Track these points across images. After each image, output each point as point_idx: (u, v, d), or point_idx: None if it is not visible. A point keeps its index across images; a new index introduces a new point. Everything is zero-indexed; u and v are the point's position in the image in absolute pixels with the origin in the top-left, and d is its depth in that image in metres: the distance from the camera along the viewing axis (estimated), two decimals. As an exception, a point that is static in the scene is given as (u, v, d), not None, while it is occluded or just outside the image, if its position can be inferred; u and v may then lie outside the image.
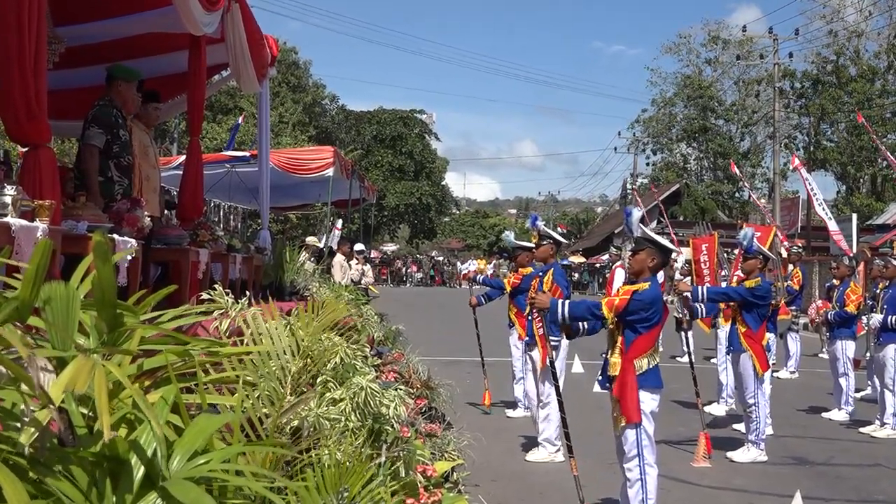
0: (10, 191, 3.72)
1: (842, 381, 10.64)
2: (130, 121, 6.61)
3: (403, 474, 3.41)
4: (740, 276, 9.18)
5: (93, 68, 7.41)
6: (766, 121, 46.89)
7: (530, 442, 8.43)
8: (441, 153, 68.28)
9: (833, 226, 19.41)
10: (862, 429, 9.89)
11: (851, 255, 14.14)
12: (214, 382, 2.70)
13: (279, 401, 3.07)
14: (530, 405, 8.87)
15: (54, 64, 6.36)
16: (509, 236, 10.41)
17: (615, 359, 5.56)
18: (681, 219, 47.66)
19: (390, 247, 63.32)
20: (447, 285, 52.48)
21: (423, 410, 5.16)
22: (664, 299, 5.84)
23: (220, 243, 7.40)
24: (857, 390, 11.18)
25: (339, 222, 20.59)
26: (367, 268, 18.44)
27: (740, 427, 9.06)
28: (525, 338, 9.05)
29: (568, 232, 64.56)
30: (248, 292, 5.19)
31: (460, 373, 10.84)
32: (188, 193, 7.52)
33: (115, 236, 4.67)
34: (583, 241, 62.14)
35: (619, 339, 5.56)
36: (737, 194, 54.04)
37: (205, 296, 3.99)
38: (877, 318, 9.91)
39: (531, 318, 8.23)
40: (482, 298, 10.74)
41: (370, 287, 17.60)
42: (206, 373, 2.62)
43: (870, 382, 11.48)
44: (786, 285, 12.33)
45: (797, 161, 21.59)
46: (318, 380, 3.49)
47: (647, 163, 58.80)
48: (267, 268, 9.13)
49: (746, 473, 7.80)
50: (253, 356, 3.17)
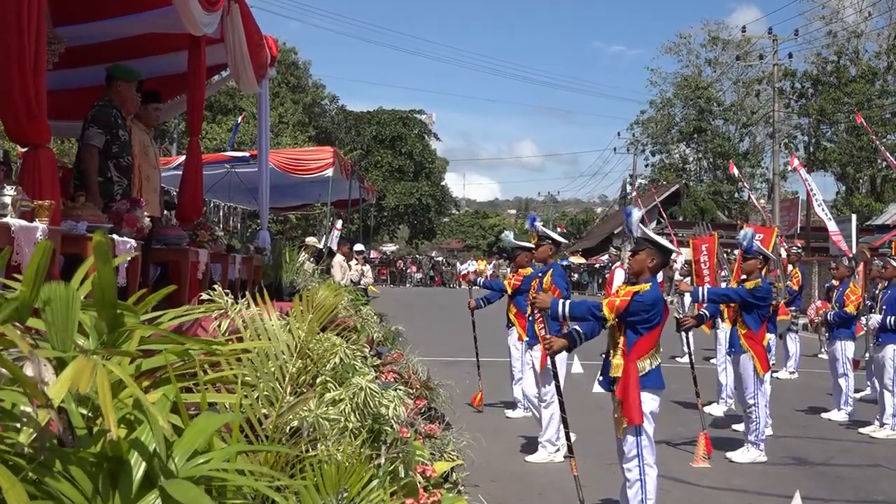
0: (9, 191, 3.72)
1: (841, 381, 10.64)
2: (130, 121, 6.61)
3: (403, 475, 3.41)
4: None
5: (92, 68, 7.41)
6: (766, 121, 46.88)
7: (530, 442, 8.43)
8: (441, 153, 68.35)
9: (832, 226, 19.40)
10: (861, 429, 9.90)
11: (851, 255, 14.15)
12: (213, 382, 2.70)
13: (278, 401, 3.07)
14: (529, 405, 8.87)
15: (54, 64, 6.36)
16: (508, 236, 10.39)
17: (617, 360, 5.55)
18: (680, 219, 47.67)
19: (390, 247, 63.29)
20: (447, 286, 52.45)
21: (423, 411, 5.15)
22: (665, 299, 5.84)
23: (220, 243, 7.41)
24: (856, 391, 11.19)
25: (339, 223, 20.61)
26: (367, 268, 18.44)
27: (740, 427, 9.06)
28: (525, 338, 9.07)
29: (567, 232, 64.54)
30: (247, 292, 5.20)
31: (460, 373, 10.83)
32: (188, 194, 7.52)
33: (115, 236, 4.67)
34: (582, 242, 62.14)
35: (620, 341, 5.55)
36: (736, 195, 54.03)
37: (204, 296, 3.99)
38: (875, 318, 9.91)
39: (532, 318, 8.24)
40: (481, 302, 10.72)
41: (370, 287, 17.61)
42: (205, 373, 2.62)
43: (869, 383, 11.49)
44: (785, 286, 12.33)
45: (796, 161, 21.58)
46: (318, 380, 3.49)
47: (646, 164, 58.86)
48: (266, 268, 9.14)
49: (746, 474, 7.80)
50: (252, 356, 3.17)
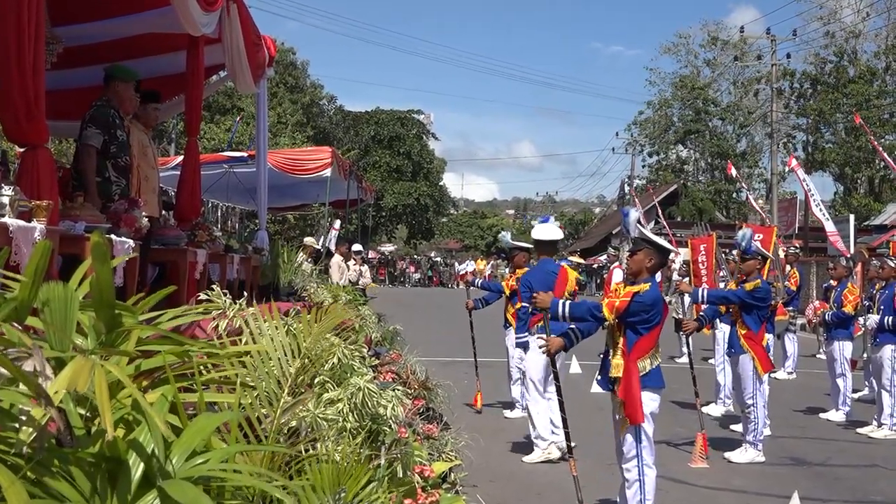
0: (7, 191, 3.72)
1: (839, 381, 10.64)
2: (129, 121, 6.60)
3: (401, 475, 3.41)
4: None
5: (91, 68, 7.40)
6: (764, 121, 46.90)
7: (528, 442, 8.43)
8: (439, 153, 68.34)
9: (830, 227, 19.37)
10: (859, 429, 9.90)
11: (849, 255, 14.16)
12: (212, 383, 2.70)
13: (277, 401, 3.07)
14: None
15: (52, 64, 6.35)
16: (506, 237, 10.42)
17: (617, 360, 5.55)
18: (678, 219, 47.67)
19: (388, 247, 63.28)
20: (445, 286, 52.43)
21: (421, 411, 5.16)
22: (664, 299, 5.84)
23: (218, 244, 7.40)
24: (854, 391, 11.19)
25: (337, 223, 20.59)
26: (365, 268, 18.44)
27: (738, 428, 9.06)
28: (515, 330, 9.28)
29: (565, 233, 64.48)
30: (245, 293, 5.20)
31: (458, 373, 10.83)
32: (186, 194, 7.51)
33: (113, 237, 4.67)
34: (580, 242, 62.13)
35: (620, 341, 5.55)
36: (735, 195, 54.03)
37: (202, 296, 3.99)
38: (873, 318, 9.92)
39: (524, 313, 8.34)
40: (479, 303, 10.75)
41: (369, 285, 17.63)
42: (203, 373, 2.62)
43: (867, 383, 11.50)
44: (784, 286, 12.33)
45: (794, 162, 21.57)
46: (316, 380, 3.49)
47: (644, 165, 58.85)
48: (265, 268, 9.14)
49: (744, 474, 7.81)
50: (250, 357, 3.17)
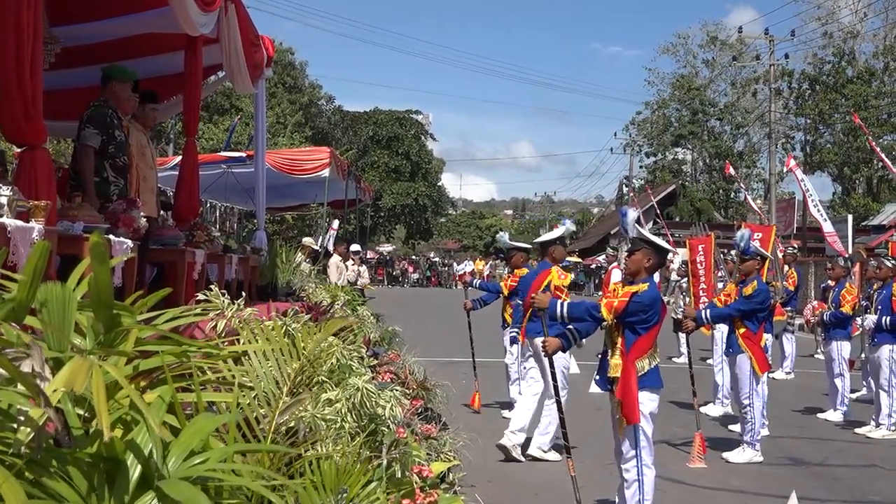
0: (5, 191, 3.71)
1: (837, 381, 10.64)
2: (128, 121, 6.60)
3: (399, 475, 3.41)
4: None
5: (89, 69, 7.39)
6: (762, 121, 46.90)
7: (526, 442, 8.42)
8: (437, 154, 68.39)
9: (827, 227, 19.39)
10: (857, 429, 9.91)
11: (846, 256, 14.16)
12: (210, 383, 2.70)
13: (275, 402, 3.07)
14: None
15: (50, 64, 6.35)
16: (503, 237, 10.45)
17: (616, 360, 5.55)
18: (677, 220, 47.71)
19: (386, 247, 63.28)
20: (443, 286, 52.44)
21: (420, 411, 5.16)
22: (663, 299, 5.85)
23: (216, 244, 7.40)
24: (852, 391, 11.20)
25: (335, 223, 20.59)
26: (363, 268, 18.45)
27: (736, 428, 9.07)
28: (516, 335, 9.35)
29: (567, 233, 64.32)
30: (243, 293, 5.20)
31: (456, 374, 10.83)
32: (184, 194, 7.50)
33: (111, 237, 4.66)
34: (579, 242, 62.10)
35: (619, 341, 5.55)
36: (733, 195, 54.05)
37: (201, 296, 3.99)
38: (871, 318, 9.92)
39: (519, 313, 8.42)
40: (477, 303, 10.76)
41: (367, 285, 17.63)
42: (202, 374, 2.62)
43: (865, 383, 11.50)
44: (783, 286, 12.33)
45: (793, 162, 21.58)
46: (314, 380, 3.49)
47: (641, 165, 58.86)
48: (263, 268, 9.13)
49: (742, 474, 7.81)
50: (248, 357, 3.17)
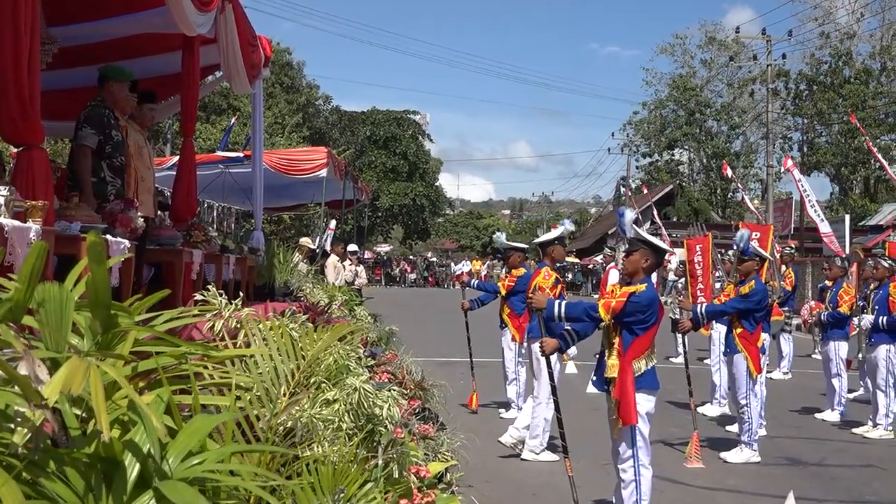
0: (2, 191, 3.71)
1: (835, 381, 10.65)
2: (125, 121, 6.59)
3: (397, 475, 3.41)
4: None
5: (87, 69, 7.38)
6: (760, 122, 46.92)
7: (524, 443, 8.43)
8: (435, 154, 68.37)
9: (824, 228, 19.33)
10: (854, 429, 9.91)
11: (843, 256, 14.18)
12: (208, 385, 2.69)
13: (273, 402, 3.07)
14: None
15: (48, 64, 6.34)
16: (500, 237, 10.46)
17: (613, 360, 5.55)
18: (674, 220, 47.73)
19: (384, 248, 63.27)
20: (441, 286, 52.48)
21: (417, 411, 5.16)
22: (660, 299, 5.85)
23: (214, 244, 7.40)
24: (849, 391, 11.21)
25: (332, 223, 20.57)
26: (361, 269, 18.45)
27: (733, 428, 9.08)
28: (518, 339, 9.48)
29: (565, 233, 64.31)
30: (241, 293, 5.20)
31: (454, 374, 10.84)
32: (181, 194, 7.50)
33: (109, 237, 4.66)
34: (576, 242, 62.14)
35: (616, 341, 5.55)
36: (730, 195, 54.06)
37: (198, 297, 3.99)
38: (868, 319, 9.94)
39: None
40: (475, 303, 10.76)
41: (364, 285, 17.64)
42: (199, 375, 2.62)
43: (862, 383, 11.52)
44: (780, 285, 12.34)
45: (790, 162, 21.56)
46: (312, 381, 3.48)
47: (637, 166, 58.85)
48: (260, 269, 9.13)
49: (740, 474, 7.82)
50: (246, 358, 3.16)
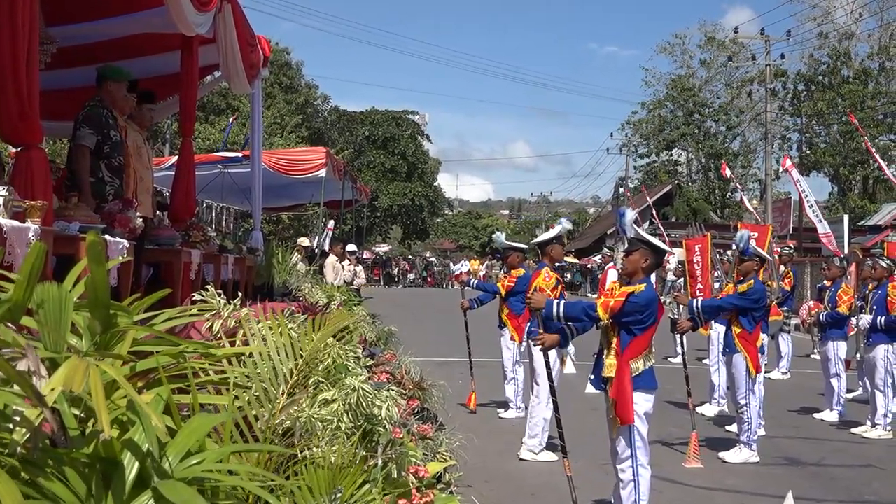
0: (1, 191, 3.70)
1: (833, 381, 10.65)
2: (124, 121, 6.59)
3: (396, 475, 3.41)
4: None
5: (85, 69, 7.39)
6: (758, 122, 46.92)
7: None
8: (434, 154, 68.38)
9: (822, 228, 19.34)
10: (853, 429, 9.92)
11: (841, 256, 14.18)
12: (207, 384, 2.69)
13: (272, 402, 3.07)
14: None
15: (46, 64, 6.34)
16: (500, 237, 10.46)
17: (611, 360, 5.54)
18: (673, 220, 47.73)
19: (383, 248, 63.25)
20: (440, 286, 52.51)
21: (416, 411, 5.16)
22: (660, 299, 5.85)
23: (212, 244, 7.40)
24: (848, 391, 11.21)
25: (331, 223, 20.56)
26: (360, 269, 18.46)
27: (732, 428, 9.08)
28: (517, 339, 9.49)
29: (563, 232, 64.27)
30: (239, 293, 5.19)
31: (452, 374, 10.84)
32: (180, 194, 7.50)
33: (107, 237, 4.66)
34: (575, 242, 62.15)
35: (614, 341, 5.54)
36: (729, 195, 54.06)
37: (197, 297, 3.98)
38: (866, 318, 9.94)
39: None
40: (474, 303, 10.75)
41: (363, 285, 17.65)
42: (198, 375, 2.62)
43: (861, 383, 11.52)
44: (779, 286, 12.35)
45: (788, 162, 21.55)
46: (311, 381, 3.48)
47: (635, 166, 58.83)
48: (259, 268, 9.13)
49: (739, 474, 7.82)
50: (245, 358, 3.16)
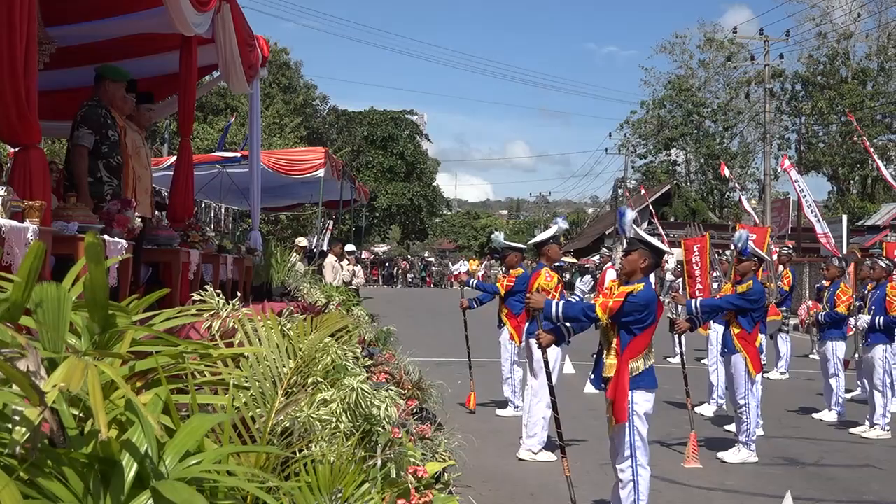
0: (0, 191, 3.70)
1: (832, 381, 10.66)
2: (123, 121, 6.58)
3: (395, 475, 3.41)
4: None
5: (84, 69, 7.38)
6: (757, 122, 46.93)
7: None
8: (432, 154, 68.36)
9: (820, 228, 19.32)
10: (852, 429, 9.93)
11: (840, 255, 14.19)
12: (205, 384, 2.69)
13: (270, 402, 3.06)
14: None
15: (45, 65, 6.33)
16: (499, 237, 10.44)
17: (611, 360, 5.54)
18: (671, 220, 47.74)
19: (381, 248, 63.24)
20: (439, 286, 52.54)
21: (414, 411, 5.16)
22: (659, 299, 5.85)
23: (211, 244, 7.40)
24: (847, 391, 11.21)
25: (330, 223, 20.55)
26: (358, 269, 18.45)
27: (731, 428, 9.08)
28: (517, 339, 9.52)
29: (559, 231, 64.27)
30: (238, 293, 5.19)
31: (451, 374, 10.83)
32: (179, 194, 7.50)
33: (106, 237, 4.66)
34: (574, 242, 62.11)
35: (614, 341, 5.54)
36: (727, 195, 54.07)
37: (196, 297, 3.98)
38: (864, 319, 9.94)
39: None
40: (473, 303, 10.75)
41: (362, 285, 17.66)
42: (196, 375, 2.62)
43: (859, 383, 11.53)
44: (777, 286, 12.36)
45: (787, 163, 21.55)
46: (309, 381, 3.48)
47: (633, 167, 58.80)
48: (258, 269, 9.13)
49: (738, 474, 7.82)
50: (243, 357, 3.16)
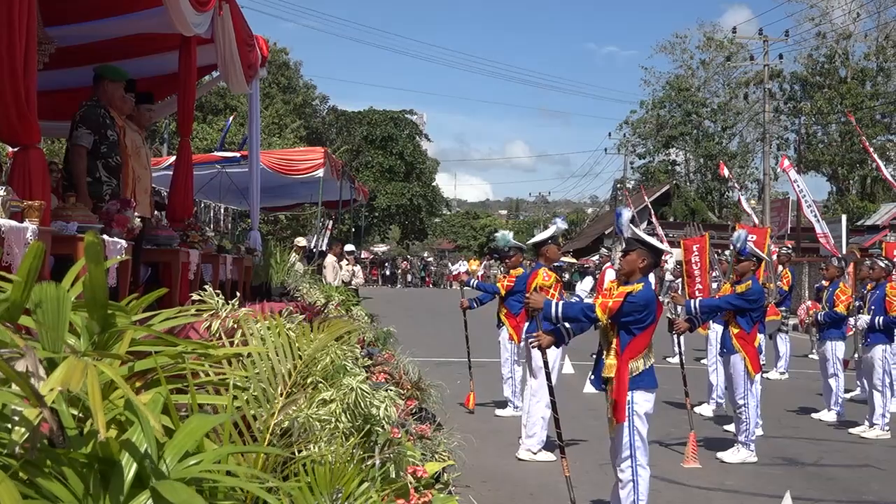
0: (-1, 191, 3.70)
1: (831, 381, 10.66)
2: (122, 121, 6.58)
3: (394, 475, 3.41)
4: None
5: (84, 69, 7.37)
6: (756, 122, 46.95)
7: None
8: (432, 154, 68.35)
9: (820, 228, 19.32)
10: (851, 429, 9.93)
11: (840, 255, 14.19)
12: (204, 384, 2.69)
13: (270, 402, 3.06)
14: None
15: (45, 65, 6.33)
16: (507, 236, 10.33)
17: (611, 360, 5.54)
18: (671, 220, 47.75)
19: (381, 248, 63.23)
20: (438, 286, 52.56)
21: (414, 411, 5.16)
22: (658, 299, 5.85)
23: (211, 244, 7.40)
24: (846, 391, 11.22)
25: (329, 223, 20.54)
26: (358, 268, 18.47)
27: (731, 428, 9.08)
28: (516, 339, 9.53)
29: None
30: (238, 293, 5.19)
31: (451, 374, 10.83)
32: (178, 194, 7.50)
33: (105, 237, 4.65)
34: (573, 242, 62.14)
35: (614, 341, 5.54)
36: (726, 195, 54.09)
37: (195, 297, 3.98)
38: (864, 319, 9.94)
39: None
40: (474, 302, 10.74)
41: (361, 285, 17.67)
42: (196, 375, 2.62)
43: (859, 383, 11.53)
44: (776, 286, 12.36)
45: (786, 163, 21.54)
46: (309, 381, 3.48)
47: (633, 167, 58.83)
48: (257, 269, 9.13)
49: (737, 474, 7.82)
50: (243, 358, 3.16)
